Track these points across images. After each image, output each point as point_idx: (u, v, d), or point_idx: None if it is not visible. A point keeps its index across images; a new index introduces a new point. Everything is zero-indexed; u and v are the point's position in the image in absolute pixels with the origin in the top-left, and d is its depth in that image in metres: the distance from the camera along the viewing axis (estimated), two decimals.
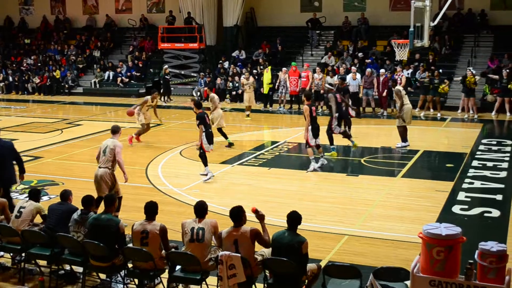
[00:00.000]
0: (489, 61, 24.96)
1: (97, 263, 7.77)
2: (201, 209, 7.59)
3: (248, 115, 22.54)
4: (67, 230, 8.15)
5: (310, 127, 14.04)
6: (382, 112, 23.31)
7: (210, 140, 13.65)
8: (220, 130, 17.06)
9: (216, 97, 17.62)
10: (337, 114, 16.13)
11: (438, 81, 22.84)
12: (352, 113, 17.45)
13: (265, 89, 25.33)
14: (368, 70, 24.00)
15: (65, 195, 8.62)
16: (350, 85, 22.90)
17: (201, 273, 7.30)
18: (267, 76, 25.11)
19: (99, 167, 10.45)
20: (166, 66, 29.06)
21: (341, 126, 16.48)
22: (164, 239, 7.61)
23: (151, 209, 7.67)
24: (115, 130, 10.89)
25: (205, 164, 13.63)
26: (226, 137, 17.12)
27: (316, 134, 14.20)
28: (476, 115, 22.27)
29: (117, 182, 10.61)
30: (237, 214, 7.26)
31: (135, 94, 29.84)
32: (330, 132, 16.21)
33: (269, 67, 25.84)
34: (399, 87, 17.33)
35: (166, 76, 28.35)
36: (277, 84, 25.21)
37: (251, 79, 23.11)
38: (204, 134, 13.55)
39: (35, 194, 9.02)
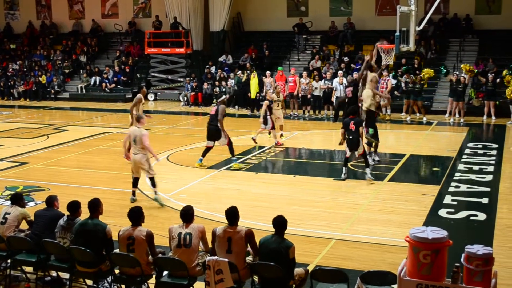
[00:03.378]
0: (474, 65, 25.12)
1: (83, 269, 7.71)
2: (187, 215, 7.56)
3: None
4: (53, 236, 8.08)
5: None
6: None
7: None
8: None
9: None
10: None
11: (419, 86, 22.94)
12: None
13: (253, 94, 25.36)
14: (355, 74, 24.04)
15: (51, 201, 8.54)
16: (337, 90, 23.00)
17: (188, 278, 7.27)
18: (254, 81, 25.13)
19: (134, 154, 12.00)
20: (239, 72, 26.84)
21: None
22: (151, 245, 7.56)
23: (135, 215, 7.61)
24: (139, 119, 12.25)
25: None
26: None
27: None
28: (462, 119, 22.40)
29: (150, 163, 12.22)
30: (234, 214, 7.37)
31: (121, 99, 29.76)
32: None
33: (254, 72, 25.82)
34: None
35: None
36: (264, 89, 25.24)
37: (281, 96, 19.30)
38: None
39: (18, 199, 8.87)
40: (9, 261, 8.39)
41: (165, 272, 7.54)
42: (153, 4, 33.70)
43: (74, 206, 8.15)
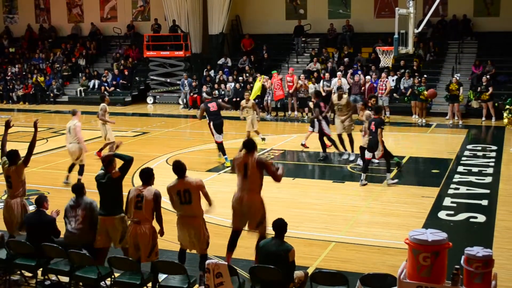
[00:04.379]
0: (473, 67, 25.17)
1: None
2: (178, 169, 8.11)
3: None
4: (49, 240, 8.09)
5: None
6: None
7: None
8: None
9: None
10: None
11: (422, 88, 22.95)
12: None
13: (252, 96, 25.34)
14: (357, 76, 24.11)
15: (40, 201, 8.50)
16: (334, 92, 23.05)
17: (188, 281, 7.27)
18: (258, 85, 25.12)
19: (69, 143, 13.83)
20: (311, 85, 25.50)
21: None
22: (157, 205, 7.83)
23: (146, 175, 7.97)
24: (75, 112, 14.14)
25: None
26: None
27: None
28: (461, 121, 22.41)
29: (83, 153, 13.89)
30: (252, 144, 8.59)
31: (121, 102, 29.76)
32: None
33: (262, 76, 25.69)
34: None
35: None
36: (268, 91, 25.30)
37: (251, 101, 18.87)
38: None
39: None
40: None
41: (163, 276, 7.56)
42: (152, 7, 33.70)
43: (77, 189, 8.45)
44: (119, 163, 8.40)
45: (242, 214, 8.66)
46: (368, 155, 13.79)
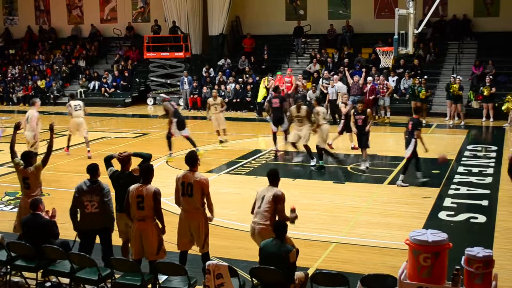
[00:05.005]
0: (473, 67, 25.16)
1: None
2: (191, 160, 8.28)
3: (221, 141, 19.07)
4: (46, 242, 8.09)
5: None
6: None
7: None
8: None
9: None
10: (175, 119, 16.59)
11: (422, 88, 22.93)
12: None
13: (259, 98, 25.30)
14: (356, 77, 24.10)
15: (36, 204, 8.47)
16: (329, 93, 23.13)
17: (188, 283, 7.27)
18: (263, 87, 25.07)
19: (27, 131, 14.92)
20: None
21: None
22: (156, 203, 7.84)
23: (145, 173, 8.00)
24: (34, 102, 15.50)
25: None
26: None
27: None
28: (463, 121, 22.41)
29: (37, 141, 15.00)
30: (275, 175, 8.48)
31: (121, 103, 29.76)
32: (169, 136, 16.63)
33: (267, 77, 25.63)
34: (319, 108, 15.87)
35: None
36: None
37: (219, 99, 19.56)
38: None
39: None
40: (8, 266, 8.39)
41: (164, 277, 7.56)
42: (151, 9, 33.72)
43: (93, 169, 8.46)
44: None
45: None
46: (408, 154, 13.64)
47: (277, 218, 7.95)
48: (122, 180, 8.43)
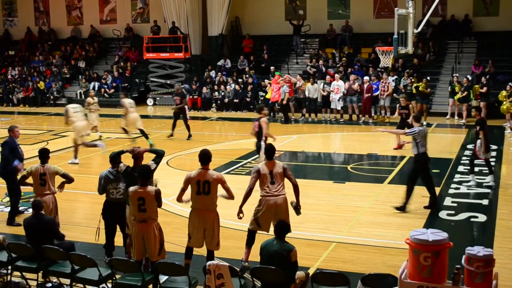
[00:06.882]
0: (473, 66, 25.17)
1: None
2: (205, 157, 8.32)
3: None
4: (49, 242, 8.09)
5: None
6: (362, 119, 23.32)
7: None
8: (141, 131, 19.09)
9: (127, 101, 19.72)
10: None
11: (418, 84, 22.93)
12: None
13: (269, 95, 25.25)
14: (352, 76, 24.09)
15: (39, 205, 8.51)
16: (310, 91, 23.28)
17: (189, 283, 7.27)
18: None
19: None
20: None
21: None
22: (158, 200, 7.96)
23: (144, 175, 8.07)
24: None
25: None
26: (147, 137, 18.84)
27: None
28: (464, 120, 22.41)
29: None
30: (272, 151, 8.82)
31: (120, 104, 29.68)
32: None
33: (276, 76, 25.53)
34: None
35: None
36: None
37: (95, 99, 21.52)
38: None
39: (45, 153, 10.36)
40: (9, 267, 8.39)
41: (164, 277, 7.56)
42: (151, 9, 33.71)
43: (114, 159, 9.03)
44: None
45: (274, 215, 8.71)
46: (482, 156, 13.55)
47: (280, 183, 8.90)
48: (135, 174, 8.46)
